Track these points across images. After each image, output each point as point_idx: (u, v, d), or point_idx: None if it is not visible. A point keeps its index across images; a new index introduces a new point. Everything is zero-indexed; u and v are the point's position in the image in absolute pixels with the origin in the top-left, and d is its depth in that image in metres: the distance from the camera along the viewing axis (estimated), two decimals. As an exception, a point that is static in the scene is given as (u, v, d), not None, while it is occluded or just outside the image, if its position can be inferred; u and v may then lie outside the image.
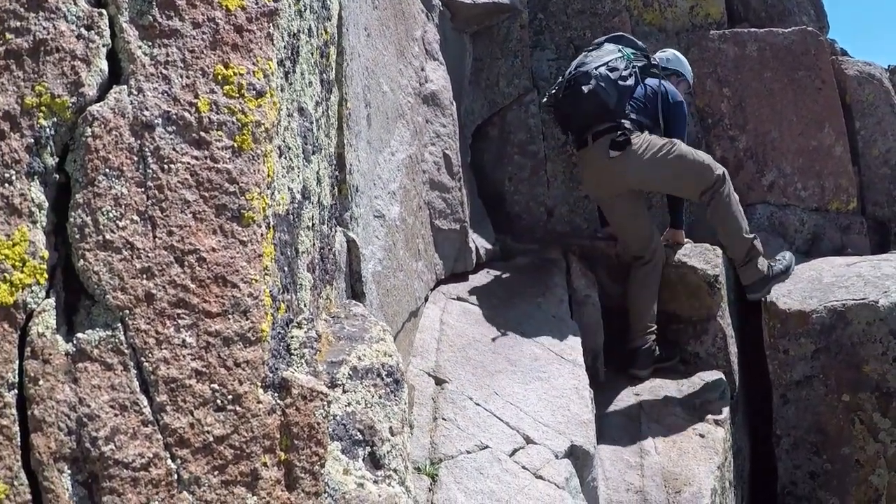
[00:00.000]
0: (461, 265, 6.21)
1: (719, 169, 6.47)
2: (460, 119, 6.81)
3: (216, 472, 2.16)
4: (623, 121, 6.29)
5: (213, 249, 2.21)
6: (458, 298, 5.89)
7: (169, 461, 2.12)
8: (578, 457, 4.73)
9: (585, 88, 6.23)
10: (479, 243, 6.50)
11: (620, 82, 6.30)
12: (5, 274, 2.01)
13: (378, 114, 4.67)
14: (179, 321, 2.16)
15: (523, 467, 4.43)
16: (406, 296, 4.93)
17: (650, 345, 6.53)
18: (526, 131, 7.51)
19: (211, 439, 2.16)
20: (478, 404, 4.76)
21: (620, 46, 6.57)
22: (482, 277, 6.37)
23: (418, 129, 5.57)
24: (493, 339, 5.47)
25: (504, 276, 6.46)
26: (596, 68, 6.29)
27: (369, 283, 4.10)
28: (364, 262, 4.01)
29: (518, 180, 7.47)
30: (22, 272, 2.03)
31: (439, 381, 4.86)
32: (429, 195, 5.74)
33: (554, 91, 6.57)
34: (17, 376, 2.02)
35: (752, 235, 6.55)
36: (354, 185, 3.93)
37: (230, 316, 2.21)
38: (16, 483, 1.99)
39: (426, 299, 5.59)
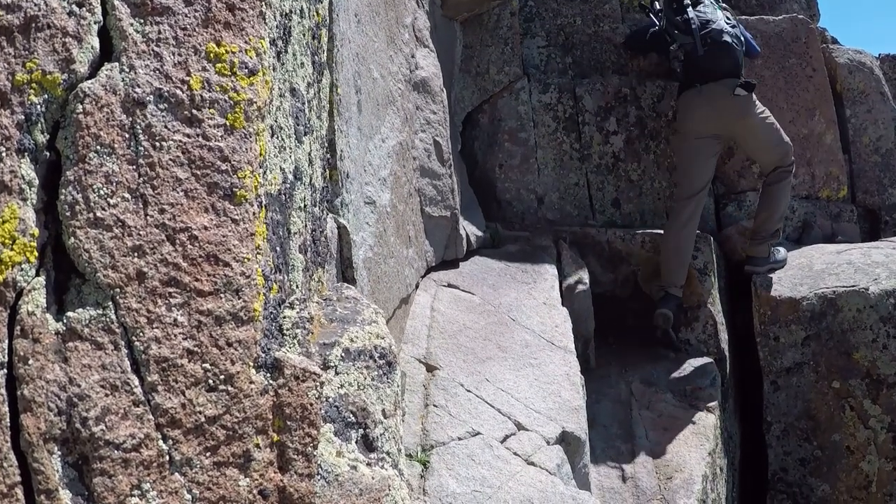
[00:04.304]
0: (451, 252, 6.20)
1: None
2: (450, 106, 6.80)
3: (208, 453, 2.15)
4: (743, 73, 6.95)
5: (205, 228, 2.20)
6: (449, 285, 5.88)
7: (160, 442, 2.10)
8: (570, 443, 4.73)
9: (725, 44, 6.86)
10: (469, 230, 6.49)
11: (740, 37, 7.00)
12: (-5, 252, 2.00)
13: (369, 100, 4.65)
14: (171, 300, 2.14)
15: (515, 454, 4.42)
16: (397, 282, 4.93)
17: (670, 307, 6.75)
18: (516, 119, 7.50)
19: (203, 420, 2.14)
20: (469, 391, 4.76)
21: None
22: (473, 265, 6.36)
23: (409, 116, 5.56)
24: (484, 326, 5.46)
25: (494, 263, 6.46)
26: (727, 26, 6.93)
27: (360, 270, 4.09)
28: (355, 248, 3.99)
29: (508, 168, 7.46)
30: (12, 250, 2.01)
31: (430, 368, 4.86)
32: (419, 182, 5.73)
33: (689, 42, 6.96)
34: (6, 356, 2.01)
35: (781, 225, 7.13)
36: (345, 171, 3.92)
37: (222, 295, 2.20)
38: (5, 464, 1.97)
39: (417, 286, 5.58)
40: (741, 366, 7.24)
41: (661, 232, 6.97)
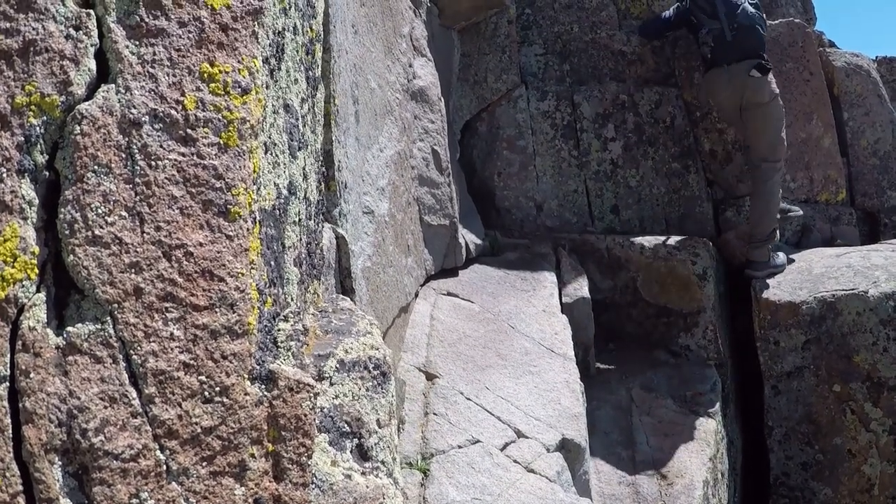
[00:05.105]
0: (451, 261, 6.23)
1: None
2: (449, 115, 6.84)
3: (204, 463, 2.19)
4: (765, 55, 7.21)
5: (200, 244, 2.24)
6: (449, 294, 5.91)
7: (158, 452, 2.14)
8: (570, 450, 4.75)
9: (752, 28, 7.15)
10: (468, 239, 6.52)
11: (763, 17, 7.31)
12: (-4, 269, 2.04)
13: (366, 110, 4.69)
14: (167, 314, 2.18)
15: (515, 461, 4.44)
16: (396, 291, 4.95)
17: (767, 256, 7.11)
18: (514, 126, 7.55)
19: (199, 430, 2.19)
20: (469, 399, 4.78)
21: None
22: (472, 273, 6.39)
23: (407, 126, 5.59)
24: (484, 334, 5.49)
25: (494, 271, 6.48)
26: (752, 10, 7.21)
27: (359, 279, 4.12)
28: (353, 258, 4.03)
29: (507, 175, 7.51)
30: (13, 267, 2.05)
31: (430, 377, 4.88)
32: (418, 191, 5.76)
33: (717, 27, 7.21)
34: (8, 369, 2.05)
35: (777, 224, 7.21)
36: (343, 181, 3.96)
37: (217, 309, 2.24)
38: (7, 474, 2.01)
39: (416, 295, 5.61)
40: (741, 370, 7.26)
41: (661, 238, 7.05)
